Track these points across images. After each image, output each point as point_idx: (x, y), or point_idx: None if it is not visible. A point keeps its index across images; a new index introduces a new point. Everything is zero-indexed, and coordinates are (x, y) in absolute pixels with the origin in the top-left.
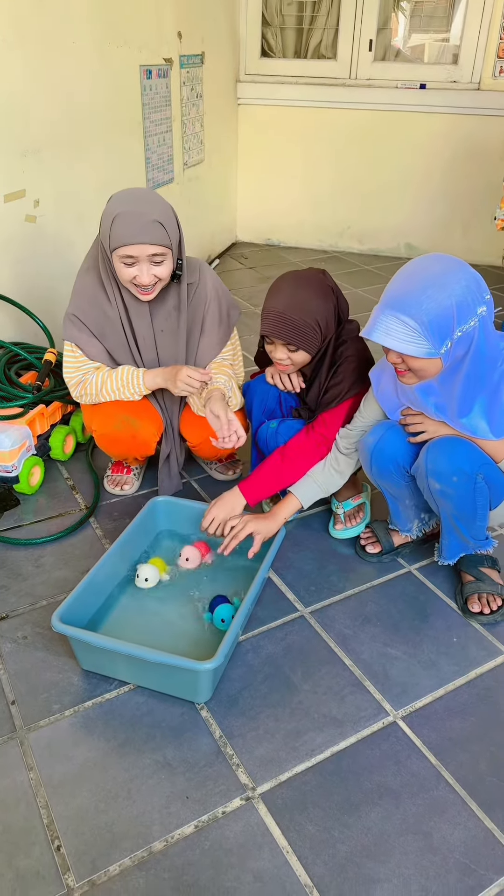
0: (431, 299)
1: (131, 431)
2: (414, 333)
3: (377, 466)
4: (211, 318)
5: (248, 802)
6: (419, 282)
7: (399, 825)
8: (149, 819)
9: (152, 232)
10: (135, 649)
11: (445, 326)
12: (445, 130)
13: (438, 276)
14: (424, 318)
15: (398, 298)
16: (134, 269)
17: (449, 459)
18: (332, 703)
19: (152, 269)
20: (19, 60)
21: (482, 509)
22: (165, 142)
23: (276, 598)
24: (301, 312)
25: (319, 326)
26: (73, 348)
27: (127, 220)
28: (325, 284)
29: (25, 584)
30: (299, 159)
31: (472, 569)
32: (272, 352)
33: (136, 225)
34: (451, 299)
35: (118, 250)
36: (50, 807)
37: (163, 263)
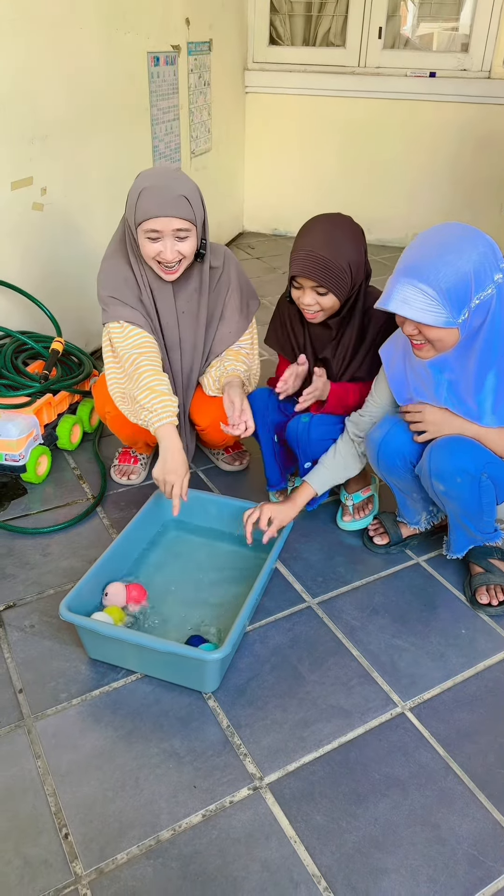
0: (449, 265)
1: None
2: (432, 302)
3: (384, 461)
4: (232, 306)
5: (256, 792)
6: (435, 249)
7: (407, 816)
8: (156, 808)
9: (178, 206)
10: (142, 638)
11: (463, 293)
12: (455, 119)
13: (454, 243)
14: (442, 286)
15: (414, 266)
16: (158, 244)
17: (452, 460)
18: (339, 694)
19: (176, 244)
20: (27, 47)
21: (489, 506)
22: (173, 130)
23: (283, 588)
24: (332, 252)
25: (350, 269)
26: (119, 325)
27: (153, 194)
28: (356, 227)
29: (33, 572)
30: (307, 148)
31: (481, 560)
32: (300, 297)
33: (162, 199)
34: (469, 265)
35: (144, 224)
36: (57, 795)
37: (187, 240)
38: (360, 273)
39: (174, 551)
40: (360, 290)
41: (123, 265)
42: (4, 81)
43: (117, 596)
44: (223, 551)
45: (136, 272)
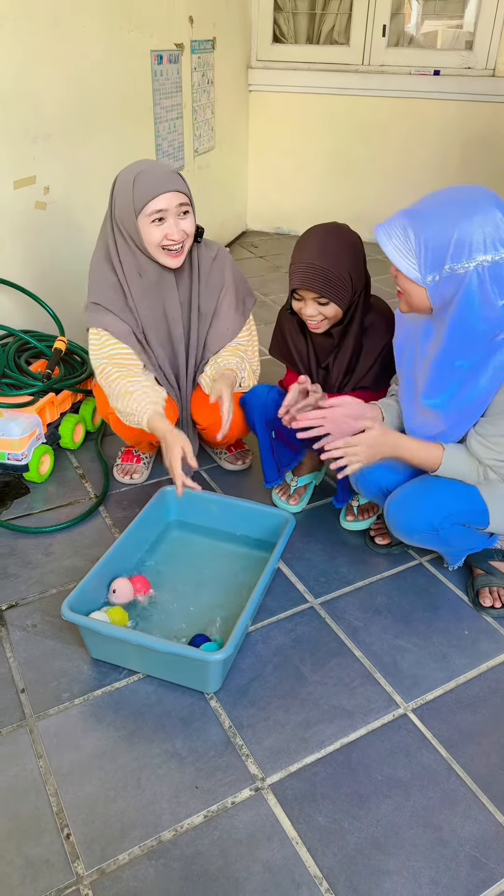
0: (439, 221)
1: None
2: (408, 248)
3: (363, 490)
4: (227, 303)
5: (258, 793)
6: (441, 201)
7: (409, 818)
8: (158, 808)
9: (176, 181)
10: (144, 639)
11: (438, 255)
12: (460, 117)
13: (461, 205)
14: (422, 237)
15: (414, 209)
16: (164, 226)
17: (408, 520)
18: (342, 695)
19: (180, 223)
20: (29, 45)
21: (462, 541)
22: (176, 128)
23: (285, 588)
24: (331, 262)
25: (351, 277)
26: (97, 333)
27: (149, 176)
28: (353, 236)
29: (35, 572)
30: (311, 147)
31: (482, 563)
32: (302, 309)
33: (161, 176)
34: (454, 230)
35: (147, 206)
36: (59, 795)
37: (188, 217)
38: (361, 280)
39: (177, 551)
40: (360, 297)
41: (112, 269)
42: (7, 80)
43: (124, 591)
44: (226, 551)
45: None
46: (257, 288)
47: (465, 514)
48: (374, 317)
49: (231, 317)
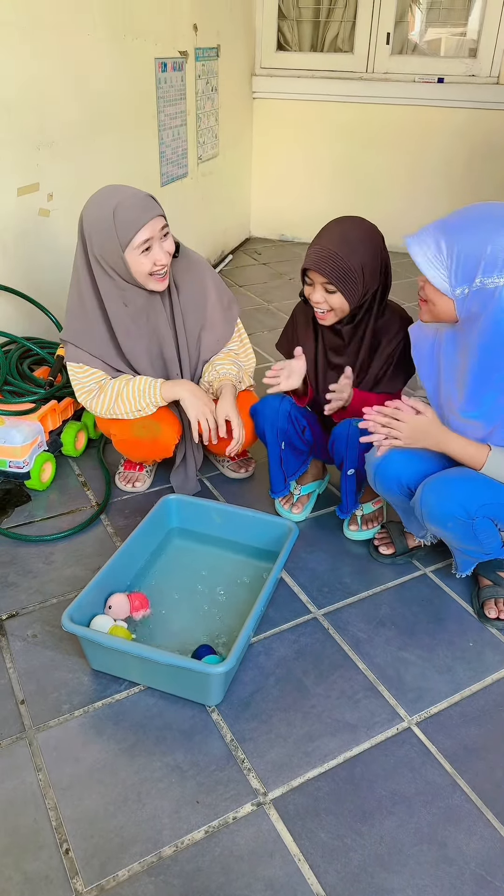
0: (471, 235)
1: (152, 436)
2: (440, 258)
3: (381, 485)
4: (214, 313)
5: (260, 808)
6: (476, 215)
7: (413, 834)
8: (159, 823)
9: (154, 205)
10: (145, 651)
11: (470, 268)
12: (464, 125)
13: (495, 219)
14: (455, 249)
15: (449, 222)
16: (152, 254)
17: (442, 505)
18: (345, 708)
19: (164, 244)
20: (34, 53)
21: (488, 539)
22: (180, 136)
23: (288, 599)
24: (346, 251)
25: (363, 273)
26: (78, 367)
27: (129, 207)
28: (376, 234)
29: (35, 581)
30: (315, 154)
31: (490, 573)
32: (310, 294)
33: (139, 204)
34: (488, 244)
35: (134, 239)
36: (58, 809)
37: (169, 237)
38: (375, 279)
39: (179, 560)
40: (375, 299)
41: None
42: (11, 88)
43: (121, 607)
44: (228, 560)
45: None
46: (260, 294)
47: (497, 508)
48: (388, 319)
49: (220, 326)
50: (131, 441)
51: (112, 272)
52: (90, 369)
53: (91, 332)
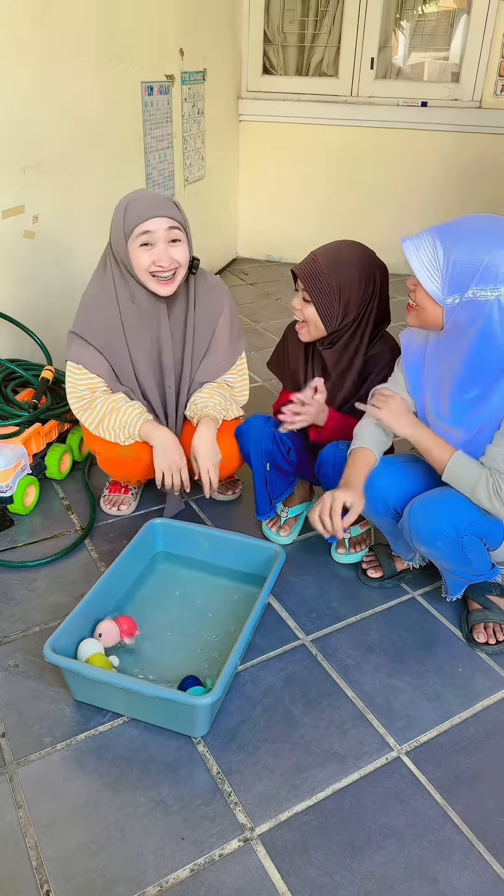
0: (469, 244)
1: (137, 455)
2: (435, 265)
3: (368, 507)
4: (221, 339)
5: (247, 844)
6: (475, 226)
7: (404, 869)
8: (143, 862)
9: (168, 207)
10: (129, 682)
11: (465, 278)
12: (447, 148)
13: (492, 231)
14: (452, 257)
15: (448, 228)
16: (153, 251)
17: (430, 525)
18: (333, 738)
19: (170, 249)
20: (20, 76)
21: (477, 558)
22: (166, 158)
23: (276, 625)
24: (330, 268)
25: (339, 294)
26: (77, 368)
27: (141, 201)
28: (369, 267)
29: (18, 608)
30: (300, 176)
31: (479, 596)
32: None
33: (152, 202)
34: (486, 256)
35: (136, 230)
36: (39, 848)
37: (179, 246)
38: (355, 307)
39: (164, 585)
40: (361, 328)
41: (107, 296)
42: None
43: (110, 634)
44: (214, 585)
45: (126, 298)
46: (248, 315)
47: (485, 526)
48: (381, 351)
49: (223, 355)
50: (115, 460)
51: (122, 264)
52: (88, 374)
53: (101, 323)
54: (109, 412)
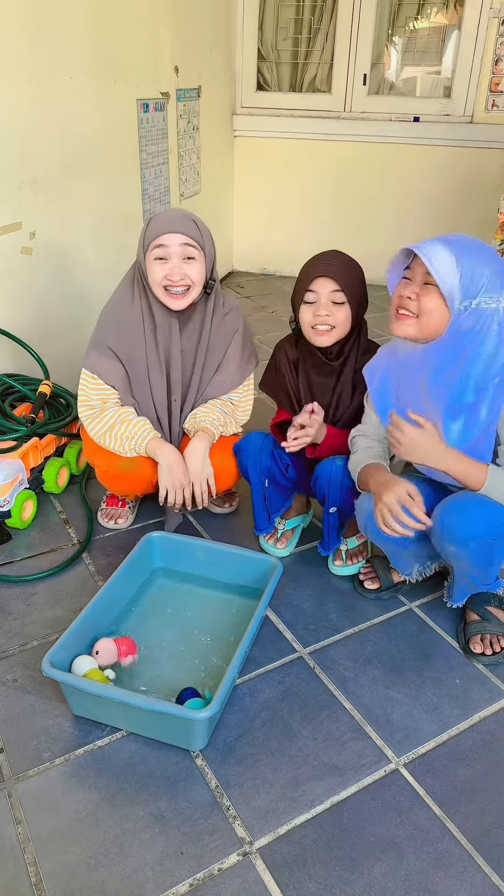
0: (476, 253)
1: (138, 470)
2: (451, 268)
3: (373, 532)
4: (233, 358)
5: (246, 858)
6: (469, 241)
7: (403, 882)
8: (141, 877)
9: (185, 224)
10: (127, 696)
11: (476, 283)
12: (440, 162)
13: (487, 248)
14: (464, 263)
15: (450, 239)
16: (166, 265)
17: (463, 525)
18: (332, 751)
19: (183, 266)
20: (16, 94)
21: (498, 563)
22: (162, 174)
23: (274, 637)
24: (351, 266)
25: (361, 291)
26: (92, 378)
27: (163, 216)
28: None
29: (16, 623)
30: (295, 190)
31: (479, 607)
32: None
33: (172, 218)
34: (491, 263)
35: (152, 243)
36: (38, 863)
37: (194, 264)
38: (365, 303)
39: (162, 599)
40: (361, 325)
41: (126, 306)
42: None
43: (108, 652)
44: (212, 599)
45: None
46: None
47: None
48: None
49: (231, 371)
50: (115, 474)
51: (143, 277)
52: (102, 385)
53: (123, 330)
54: (120, 422)
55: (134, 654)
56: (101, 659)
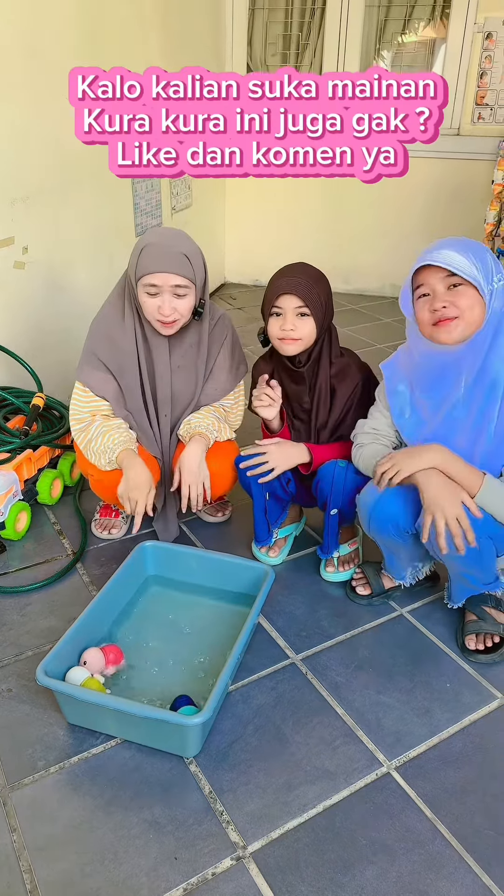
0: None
1: None
2: (470, 261)
3: (375, 526)
4: (222, 366)
5: (239, 862)
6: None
7: (395, 884)
8: (136, 882)
9: (177, 263)
10: (121, 704)
11: (488, 270)
12: (427, 174)
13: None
14: (474, 255)
15: (443, 243)
16: (157, 300)
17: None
18: (324, 755)
19: (174, 301)
20: (8, 113)
21: (489, 560)
22: (154, 188)
23: (266, 644)
24: (313, 281)
25: (324, 303)
26: (83, 390)
27: (154, 251)
28: (325, 278)
29: (10, 633)
30: (285, 202)
31: (476, 607)
32: (281, 325)
33: (163, 255)
34: (483, 251)
35: (143, 279)
36: (34, 871)
37: (185, 298)
38: (330, 313)
39: (155, 607)
40: (328, 333)
41: (116, 320)
42: None
43: (95, 662)
44: (205, 606)
45: (128, 326)
46: None
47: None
48: (345, 365)
49: (222, 379)
50: (108, 483)
51: (134, 298)
52: (93, 397)
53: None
54: (98, 436)
55: (120, 663)
56: (89, 669)
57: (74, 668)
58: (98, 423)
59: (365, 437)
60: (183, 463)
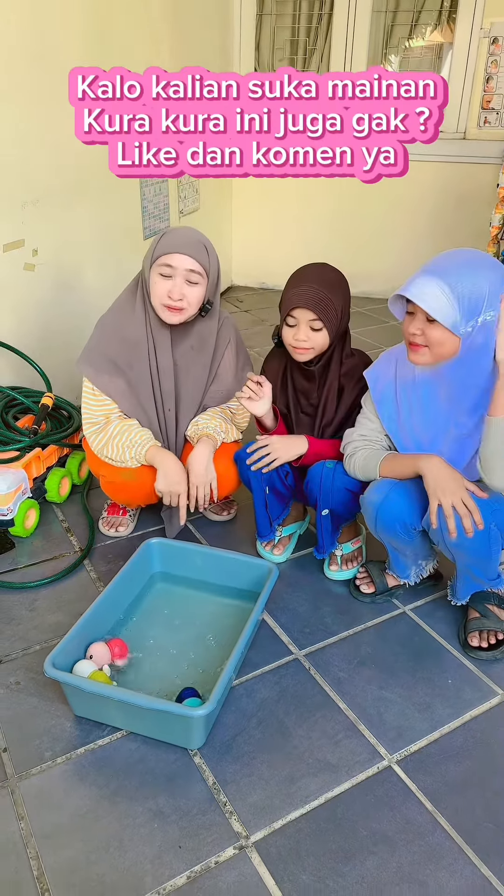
0: (469, 276)
1: (140, 480)
2: (447, 301)
3: (382, 525)
4: (226, 369)
5: (242, 851)
6: (461, 259)
7: (395, 874)
8: (140, 870)
9: (196, 248)
10: (127, 695)
11: (475, 306)
12: (433, 178)
13: (479, 260)
14: (459, 290)
15: (439, 267)
16: (169, 282)
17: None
18: (326, 748)
19: (185, 287)
20: (18, 117)
21: (496, 552)
22: (161, 191)
23: (270, 640)
24: (330, 292)
25: (340, 311)
26: (92, 392)
27: (176, 235)
28: (344, 277)
29: (19, 628)
30: (293, 205)
31: (479, 605)
32: (294, 334)
33: (183, 239)
34: (486, 282)
35: (160, 259)
36: (40, 857)
37: (196, 287)
38: (346, 318)
39: (160, 604)
40: (343, 336)
41: (124, 312)
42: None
43: (101, 656)
44: (210, 603)
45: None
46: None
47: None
48: (355, 365)
49: (229, 381)
50: (119, 484)
51: (146, 289)
52: (103, 398)
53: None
54: (121, 433)
55: (126, 655)
56: (95, 662)
57: (81, 661)
58: (115, 423)
59: (355, 446)
60: (191, 464)
